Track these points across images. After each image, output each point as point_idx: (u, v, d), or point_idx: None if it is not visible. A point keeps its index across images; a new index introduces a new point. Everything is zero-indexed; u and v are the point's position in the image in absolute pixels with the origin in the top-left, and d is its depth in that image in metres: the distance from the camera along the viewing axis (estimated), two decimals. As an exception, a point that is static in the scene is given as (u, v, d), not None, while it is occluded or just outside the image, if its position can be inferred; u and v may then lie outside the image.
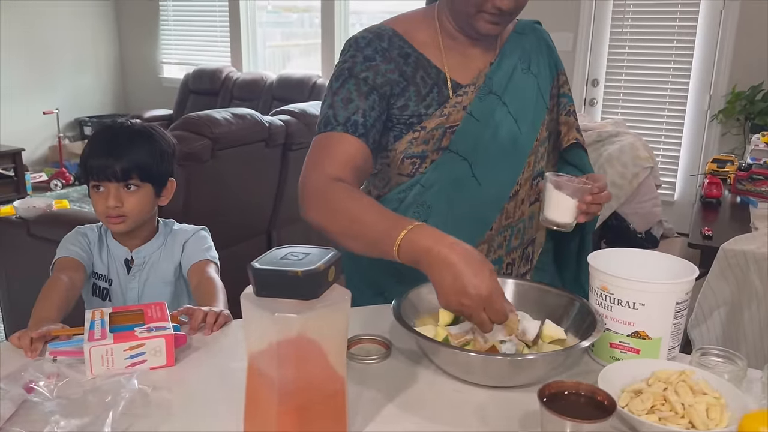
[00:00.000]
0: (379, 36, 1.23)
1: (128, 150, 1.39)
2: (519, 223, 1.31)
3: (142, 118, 5.39)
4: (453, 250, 0.93)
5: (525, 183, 1.30)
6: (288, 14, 5.92)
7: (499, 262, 1.31)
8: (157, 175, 1.43)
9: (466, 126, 1.24)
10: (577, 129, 1.35)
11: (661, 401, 0.84)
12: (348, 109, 1.17)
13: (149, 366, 1.01)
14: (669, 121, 4.18)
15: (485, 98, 1.25)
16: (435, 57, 1.25)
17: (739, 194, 2.42)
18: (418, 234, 0.96)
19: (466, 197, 1.25)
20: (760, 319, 1.86)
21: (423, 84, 1.23)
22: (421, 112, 1.23)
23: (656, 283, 0.98)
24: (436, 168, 1.25)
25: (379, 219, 1.03)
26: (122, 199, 1.38)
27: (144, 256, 1.47)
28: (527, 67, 1.29)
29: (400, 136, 1.24)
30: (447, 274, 0.92)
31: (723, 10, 3.88)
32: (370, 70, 1.19)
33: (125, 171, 1.38)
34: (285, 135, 2.98)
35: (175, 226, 1.52)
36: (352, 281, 1.39)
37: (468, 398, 0.94)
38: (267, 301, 0.75)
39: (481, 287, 0.91)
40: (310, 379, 0.78)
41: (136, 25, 6.34)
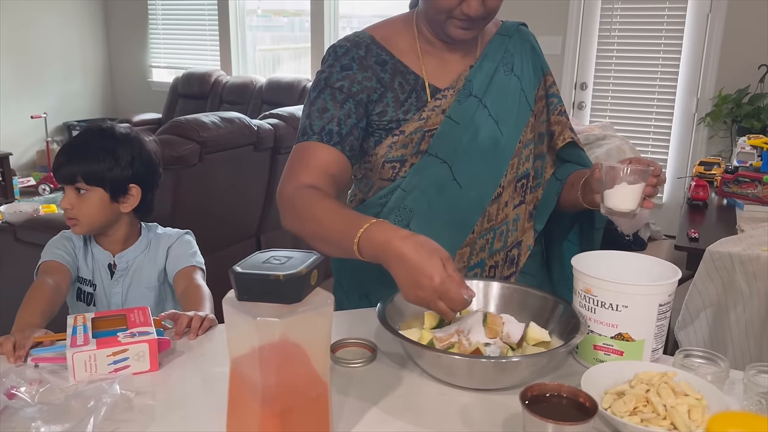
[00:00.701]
0: (356, 44, 1.24)
1: (79, 153, 1.38)
2: (502, 225, 1.31)
3: (130, 122, 5.38)
4: (404, 243, 0.95)
5: (508, 185, 1.30)
6: (278, 18, 5.92)
7: (482, 265, 1.31)
8: (109, 180, 1.39)
9: (445, 129, 1.24)
10: (570, 128, 1.35)
11: (644, 403, 0.84)
12: (323, 118, 1.19)
13: (133, 371, 1.01)
14: (657, 125, 4.21)
15: (465, 101, 1.25)
16: (413, 63, 1.26)
17: (726, 197, 2.44)
18: (374, 230, 0.99)
19: (447, 200, 1.25)
20: (746, 320, 1.87)
21: (401, 90, 1.24)
22: (400, 117, 1.23)
23: (639, 285, 0.98)
24: (416, 172, 1.25)
25: (339, 219, 1.06)
26: (73, 202, 1.38)
27: (127, 261, 1.46)
28: (510, 69, 1.29)
29: (380, 140, 1.25)
30: (401, 268, 0.95)
31: (710, 14, 3.92)
32: (346, 80, 1.21)
33: (72, 174, 1.38)
34: (274, 138, 2.97)
35: (158, 230, 1.51)
36: (340, 284, 1.39)
37: (452, 401, 0.94)
38: (249, 305, 0.75)
39: (433, 277, 0.92)
40: (293, 384, 0.78)
41: (125, 29, 6.32)
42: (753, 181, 2.34)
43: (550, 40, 4.21)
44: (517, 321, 1.04)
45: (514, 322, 1.04)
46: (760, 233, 2.00)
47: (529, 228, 1.35)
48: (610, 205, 1.12)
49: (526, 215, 1.34)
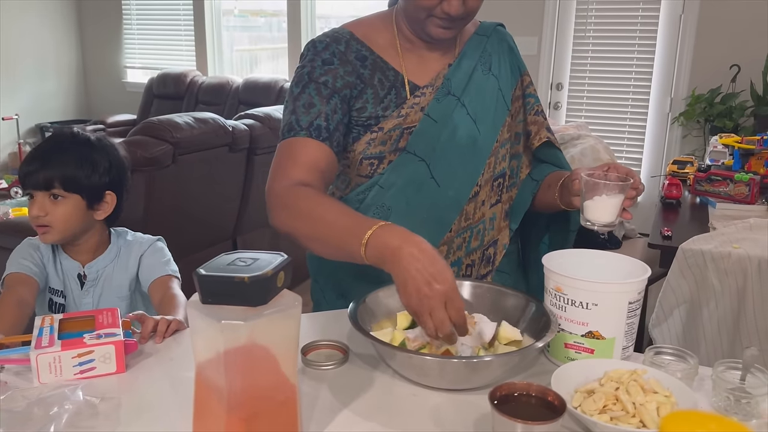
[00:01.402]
0: (336, 39, 1.24)
1: (56, 158, 1.34)
2: (479, 224, 1.31)
3: (105, 123, 5.31)
4: (421, 246, 0.94)
5: (485, 184, 1.30)
6: (255, 18, 5.89)
7: (459, 263, 1.31)
8: (86, 187, 1.37)
9: (423, 127, 1.23)
10: (547, 128, 1.35)
11: (613, 401, 0.84)
12: (310, 113, 1.18)
13: (98, 373, 0.99)
14: (632, 124, 4.26)
15: (443, 99, 1.25)
16: (393, 59, 1.25)
17: (699, 195, 2.47)
18: (387, 232, 0.97)
19: (425, 198, 1.25)
20: (718, 316, 1.89)
21: (380, 86, 1.23)
22: (379, 113, 1.23)
23: (608, 283, 0.99)
24: (393, 169, 1.24)
25: (343, 219, 1.04)
26: (47, 209, 1.34)
27: (97, 271, 1.42)
28: (488, 69, 1.29)
29: (359, 137, 1.24)
30: (413, 268, 0.92)
31: (682, 15, 3.97)
32: (329, 74, 1.20)
33: (48, 179, 1.33)
34: (249, 139, 2.95)
35: (128, 236, 1.48)
36: (318, 284, 1.38)
37: (424, 402, 0.94)
38: (214, 308, 0.74)
39: (447, 279, 0.91)
40: (260, 388, 0.76)
41: (99, 29, 6.23)
42: (725, 180, 2.37)
43: (526, 41, 4.23)
44: (489, 320, 1.04)
45: (486, 322, 1.03)
46: (731, 231, 2.02)
47: (505, 227, 1.35)
48: (590, 217, 1.12)
49: (502, 214, 1.35)
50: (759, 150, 2.53)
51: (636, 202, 1.14)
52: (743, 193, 2.32)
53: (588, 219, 1.12)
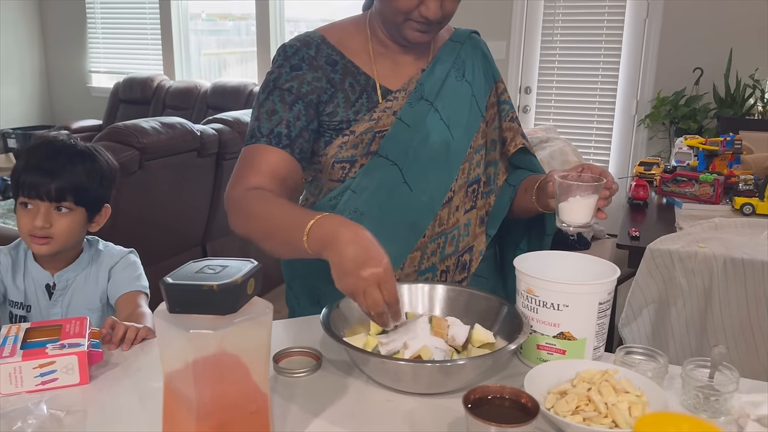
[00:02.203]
0: (306, 44, 1.23)
1: (67, 169, 1.31)
2: (453, 230, 1.31)
3: (69, 128, 5.20)
4: (357, 232, 0.95)
5: (459, 190, 1.29)
6: (223, 22, 5.84)
7: (433, 269, 1.30)
8: (93, 200, 1.36)
9: (395, 131, 1.23)
10: (522, 135, 1.36)
11: (586, 401, 0.85)
12: (272, 120, 1.18)
13: (61, 384, 0.97)
14: (599, 126, 4.32)
15: (416, 104, 1.24)
16: (364, 64, 1.24)
17: (665, 195, 2.51)
18: (326, 220, 0.98)
19: (398, 203, 1.24)
20: (686, 315, 1.93)
21: (351, 90, 1.22)
22: (350, 117, 1.22)
23: (579, 284, 1.00)
24: (365, 173, 1.23)
25: (289, 214, 1.05)
26: (51, 220, 1.30)
27: (67, 280, 1.38)
28: (461, 75, 1.30)
29: (330, 141, 1.23)
30: (350, 249, 0.93)
31: (647, 19, 4.04)
32: (295, 80, 1.20)
33: (60, 191, 1.30)
34: (218, 144, 2.91)
35: (100, 245, 1.43)
36: (291, 290, 1.37)
37: (398, 407, 0.93)
38: (182, 317, 0.72)
39: (381, 261, 0.92)
40: (231, 398, 0.75)
41: (62, 33, 6.11)
42: (690, 180, 2.42)
43: (495, 45, 4.26)
44: (462, 323, 1.04)
45: (459, 325, 1.03)
46: (697, 230, 2.06)
47: (481, 233, 1.35)
48: (565, 218, 1.12)
49: (477, 220, 1.34)
50: (722, 151, 2.58)
51: (610, 201, 1.15)
52: (708, 194, 2.36)
53: (563, 220, 1.13)
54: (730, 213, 2.27)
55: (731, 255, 1.84)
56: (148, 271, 1.45)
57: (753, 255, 1.83)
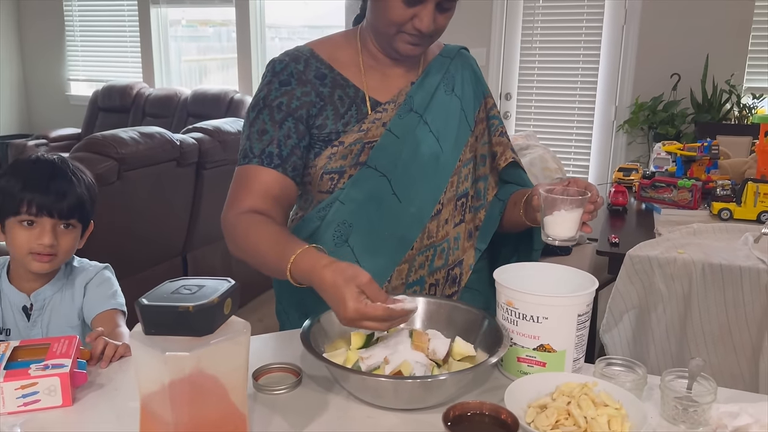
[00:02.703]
0: (295, 58, 1.24)
1: (74, 187, 1.33)
2: (442, 242, 1.29)
3: (48, 137, 5.14)
4: (324, 272, 0.96)
5: (448, 203, 1.29)
6: (204, 28, 5.80)
7: (421, 282, 1.29)
8: (89, 216, 1.38)
9: (385, 142, 1.23)
10: (511, 149, 1.36)
11: (565, 415, 0.85)
12: (262, 140, 1.19)
13: (44, 406, 0.95)
14: (578, 132, 4.35)
15: (405, 116, 1.24)
16: (354, 76, 1.25)
17: (644, 201, 2.52)
18: (300, 260, 1.01)
19: (386, 215, 1.24)
20: (666, 321, 1.94)
21: (340, 103, 1.23)
22: (340, 129, 1.22)
23: (558, 296, 1.00)
24: (354, 184, 1.23)
25: (273, 249, 1.07)
26: (58, 237, 1.31)
27: (44, 299, 1.35)
28: (451, 89, 1.30)
29: (320, 152, 1.23)
30: (324, 295, 0.97)
31: (624, 26, 4.08)
32: (284, 96, 1.20)
33: (71, 209, 1.32)
34: (198, 153, 2.89)
35: (74, 262, 1.41)
36: (281, 305, 1.37)
37: (379, 423, 0.93)
38: (157, 339, 0.71)
39: (347, 305, 0.92)
40: (208, 420, 0.74)
41: (40, 41, 6.04)
42: (669, 186, 2.44)
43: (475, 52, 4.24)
44: (443, 336, 1.04)
45: (439, 338, 1.03)
46: (676, 236, 2.08)
47: (470, 247, 1.34)
48: (550, 233, 1.12)
49: (466, 234, 1.33)
50: (700, 156, 2.61)
51: (595, 215, 1.15)
52: (686, 199, 2.39)
53: (548, 234, 1.13)
54: (708, 218, 2.29)
55: (710, 260, 1.86)
56: (127, 282, 1.43)
57: (731, 260, 1.85)
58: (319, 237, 1.25)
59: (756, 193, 2.23)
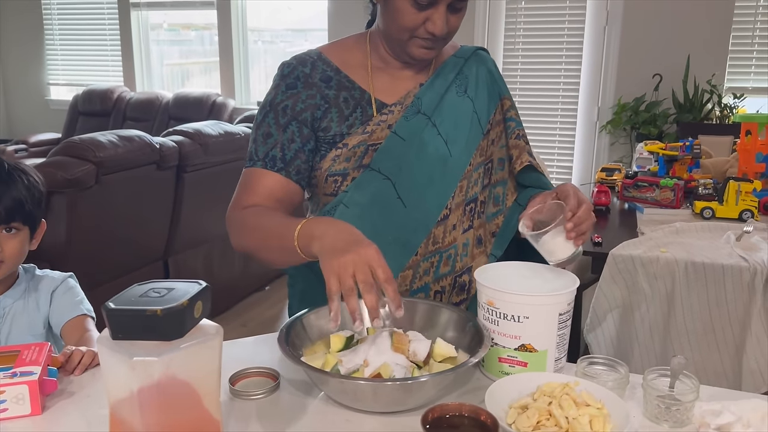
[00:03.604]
0: (302, 62, 1.23)
1: (10, 188, 1.26)
2: (449, 249, 1.26)
3: (27, 142, 5.07)
4: (345, 224, 1.01)
5: (456, 208, 1.25)
6: (186, 32, 5.77)
7: (426, 289, 1.25)
8: (36, 217, 1.32)
9: (389, 144, 1.20)
10: (528, 152, 1.32)
11: (547, 416, 0.83)
12: (267, 144, 1.20)
13: (11, 415, 0.92)
14: (561, 133, 4.36)
15: (412, 118, 1.22)
16: (361, 79, 1.23)
17: (627, 201, 2.53)
18: (315, 219, 1.05)
19: (391, 219, 1.21)
20: (650, 319, 1.94)
21: (345, 105, 1.21)
22: (344, 131, 1.20)
23: (539, 295, 0.99)
24: (357, 186, 1.20)
25: (280, 221, 1.10)
26: (1, 244, 1.25)
27: (4, 307, 1.31)
28: (463, 90, 1.27)
29: (325, 154, 1.21)
30: (345, 231, 0.98)
31: (606, 27, 4.10)
32: (290, 99, 1.20)
33: (9, 212, 1.25)
34: (178, 156, 2.86)
35: (37, 271, 1.38)
36: (293, 309, 1.35)
37: (358, 427, 0.91)
38: (125, 344, 0.69)
39: (371, 244, 0.95)
40: (180, 426, 0.72)
41: (19, 45, 5.96)
42: (651, 186, 2.45)
43: (458, 53, 4.29)
44: (424, 338, 1.02)
45: (420, 340, 1.01)
46: (659, 235, 2.08)
47: (479, 254, 1.30)
48: (549, 259, 1.08)
49: (474, 240, 1.29)
50: (682, 156, 2.62)
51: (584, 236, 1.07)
52: (669, 198, 2.40)
53: (550, 260, 1.09)
54: (691, 217, 2.30)
55: (692, 259, 1.87)
56: (107, 288, 1.40)
57: (713, 258, 1.86)
58: None
59: (738, 191, 2.24)
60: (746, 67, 3.94)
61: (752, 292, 1.80)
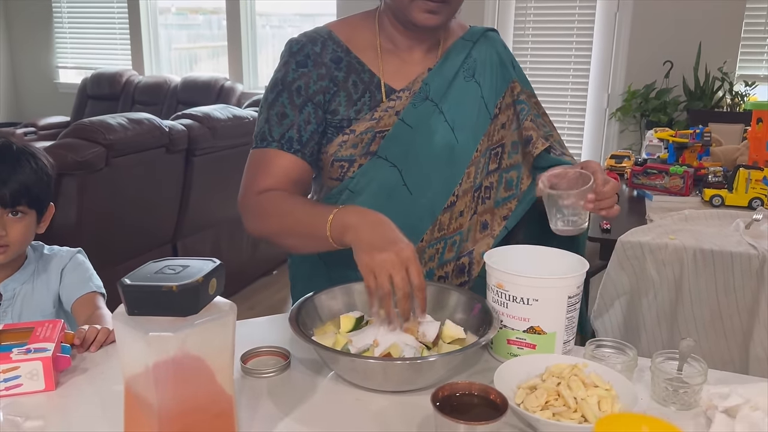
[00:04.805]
0: (312, 39, 1.20)
1: (17, 172, 1.25)
2: (454, 235, 1.26)
3: (36, 126, 5.09)
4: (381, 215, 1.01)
5: (464, 195, 1.25)
6: (194, 16, 5.76)
7: (430, 275, 1.26)
8: (43, 200, 1.31)
9: (396, 131, 1.20)
10: (543, 136, 1.29)
11: (555, 396, 0.84)
12: (283, 124, 1.18)
13: (26, 390, 0.94)
14: (571, 120, 4.35)
15: (420, 105, 1.21)
16: (371, 61, 1.21)
17: (636, 188, 2.53)
18: (349, 208, 1.06)
19: (397, 206, 1.19)
20: (657, 306, 1.94)
21: (354, 88, 1.20)
22: (351, 116, 1.19)
23: (548, 278, 0.99)
24: (364, 173, 1.20)
25: (309, 208, 1.12)
26: (6, 227, 1.25)
27: (14, 289, 1.31)
28: (471, 75, 1.25)
29: (332, 138, 1.21)
30: (381, 228, 0.99)
31: (617, 13, 4.07)
32: (302, 78, 1.18)
33: (15, 196, 1.24)
34: (187, 140, 2.86)
35: (45, 250, 1.38)
36: (296, 289, 1.35)
37: (368, 406, 0.92)
38: (141, 320, 0.70)
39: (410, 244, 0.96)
40: (194, 401, 0.73)
41: (28, 29, 5.97)
42: (660, 173, 2.44)
43: (468, 38, 4.26)
44: (433, 320, 1.03)
45: (429, 321, 1.02)
46: (668, 222, 2.07)
47: (482, 238, 1.29)
48: (554, 225, 1.10)
49: (478, 226, 1.29)
50: (692, 143, 2.61)
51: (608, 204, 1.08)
52: (678, 186, 2.39)
53: (555, 227, 1.11)
54: (700, 205, 2.29)
55: (701, 246, 1.86)
56: (116, 270, 1.41)
57: (722, 246, 1.85)
58: None
59: (747, 179, 2.23)
60: (758, 55, 3.91)
61: (761, 279, 1.80)
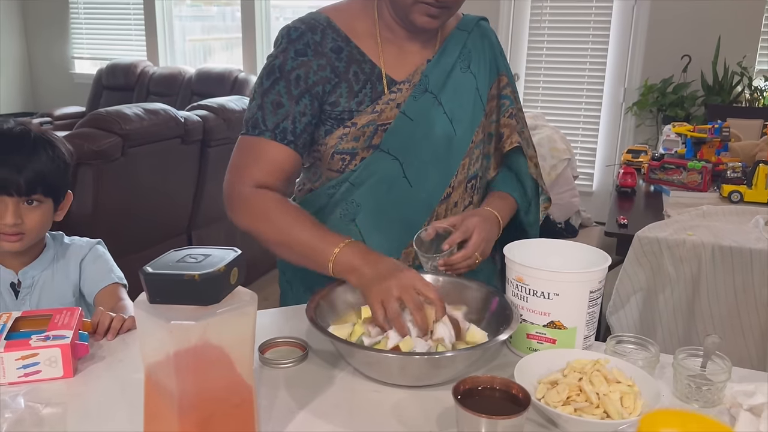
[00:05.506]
0: (312, 27, 1.18)
1: (33, 161, 1.24)
2: None
3: (52, 116, 5.12)
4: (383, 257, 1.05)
5: (458, 186, 1.26)
6: (209, 8, 5.76)
7: None
8: (60, 189, 1.30)
9: (398, 125, 1.19)
10: (519, 132, 1.30)
11: (577, 392, 0.83)
12: (277, 114, 1.15)
13: (44, 377, 0.94)
14: (586, 114, 4.31)
15: (420, 97, 1.20)
16: (371, 50, 1.20)
17: (653, 183, 2.50)
18: (353, 248, 1.06)
19: (396, 198, 1.21)
20: (674, 303, 1.92)
21: (355, 80, 1.18)
22: (353, 108, 1.18)
23: (569, 272, 0.98)
24: (366, 166, 1.20)
25: (311, 235, 1.10)
26: (22, 215, 1.24)
27: (33, 277, 1.31)
28: (467, 66, 1.25)
29: (331, 130, 1.20)
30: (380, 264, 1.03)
31: (635, 6, 4.03)
32: (301, 68, 1.15)
33: (30, 184, 1.23)
34: (203, 131, 2.87)
35: (65, 239, 1.37)
36: (285, 275, 1.35)
37: (386, 399, 0.91)
38: (162, 308, 0.70)
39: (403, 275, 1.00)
40: (214, 390, 0.73)
41: (45, 19, 5.99)
42: (678, 168, 2.41)
43: (483, 31, 4.23)
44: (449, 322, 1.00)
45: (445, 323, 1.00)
46: (685, 218, 2.05)
47: None
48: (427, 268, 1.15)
49: None
50: (710, 138, 2.58)
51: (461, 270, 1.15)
52: (696, 181, 2.36)
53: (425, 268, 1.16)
54: (718, 200, 2.27)
55: (719, 243, 1.84)
56: (131, 259, 1.40)
57: (741, 243, 1.83)
58: (326, 213, 1.23)
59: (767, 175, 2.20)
60: (779, 50, 3.85)
61: (780, 277, 1.78)
